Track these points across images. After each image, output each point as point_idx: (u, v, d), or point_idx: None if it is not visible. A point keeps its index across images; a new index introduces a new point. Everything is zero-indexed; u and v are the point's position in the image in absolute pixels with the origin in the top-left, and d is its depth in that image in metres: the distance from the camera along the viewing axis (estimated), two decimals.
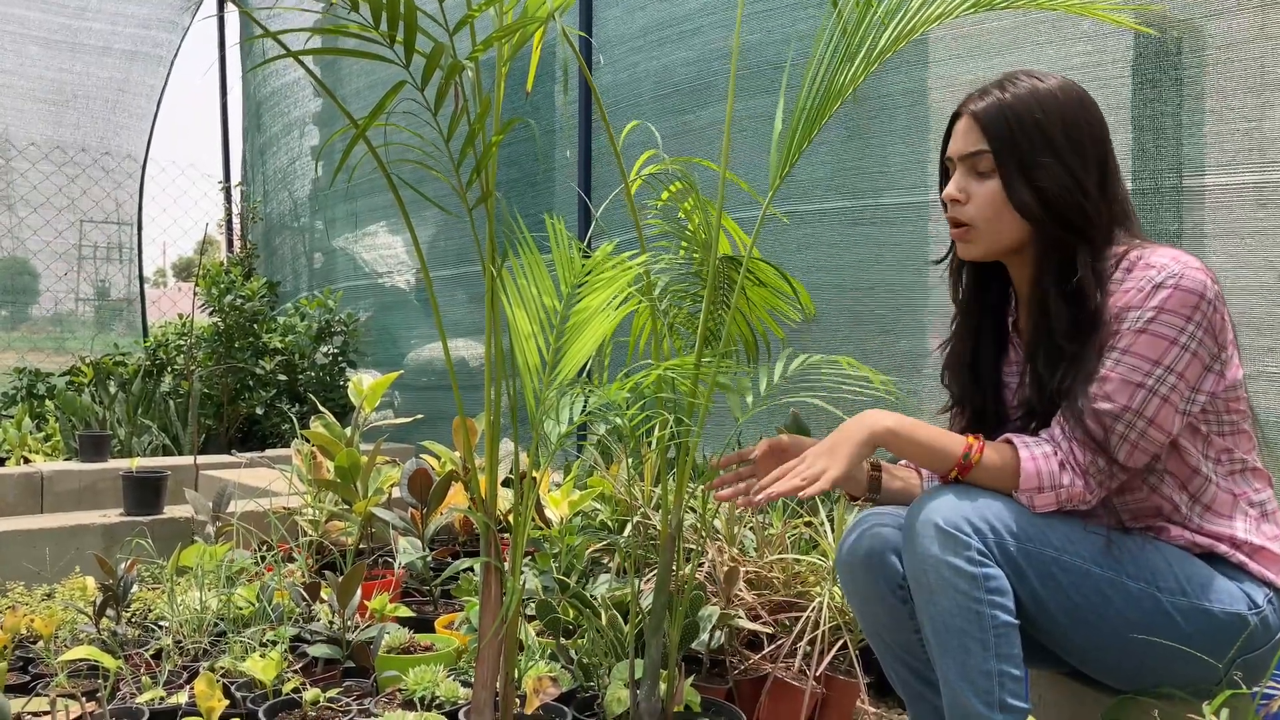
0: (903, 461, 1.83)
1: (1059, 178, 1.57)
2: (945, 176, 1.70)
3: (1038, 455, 1.53)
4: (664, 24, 4.20)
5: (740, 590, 2.40)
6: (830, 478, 1.53)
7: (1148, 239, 1.62)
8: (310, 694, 2.06)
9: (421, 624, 2.63)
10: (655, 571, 2.28)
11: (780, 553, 2.49)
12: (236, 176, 8.40)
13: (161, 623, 2.53)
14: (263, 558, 2.88)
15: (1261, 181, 2.42)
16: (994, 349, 1.74)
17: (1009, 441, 1.57)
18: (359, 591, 2.37)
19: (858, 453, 1.56)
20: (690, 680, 2.13)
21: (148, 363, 6.31)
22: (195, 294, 5.91)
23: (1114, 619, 1.50)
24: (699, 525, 2.39)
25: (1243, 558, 1.55)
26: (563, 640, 2.35)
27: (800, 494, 1.55)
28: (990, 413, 1.73)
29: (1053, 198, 1.57)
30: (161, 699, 2.10)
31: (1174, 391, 1.49)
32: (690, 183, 1.86)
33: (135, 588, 2.57)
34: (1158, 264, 1.51)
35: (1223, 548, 1.55)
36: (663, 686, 1.89)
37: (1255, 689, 1.52)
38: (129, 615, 2.55)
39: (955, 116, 1.67)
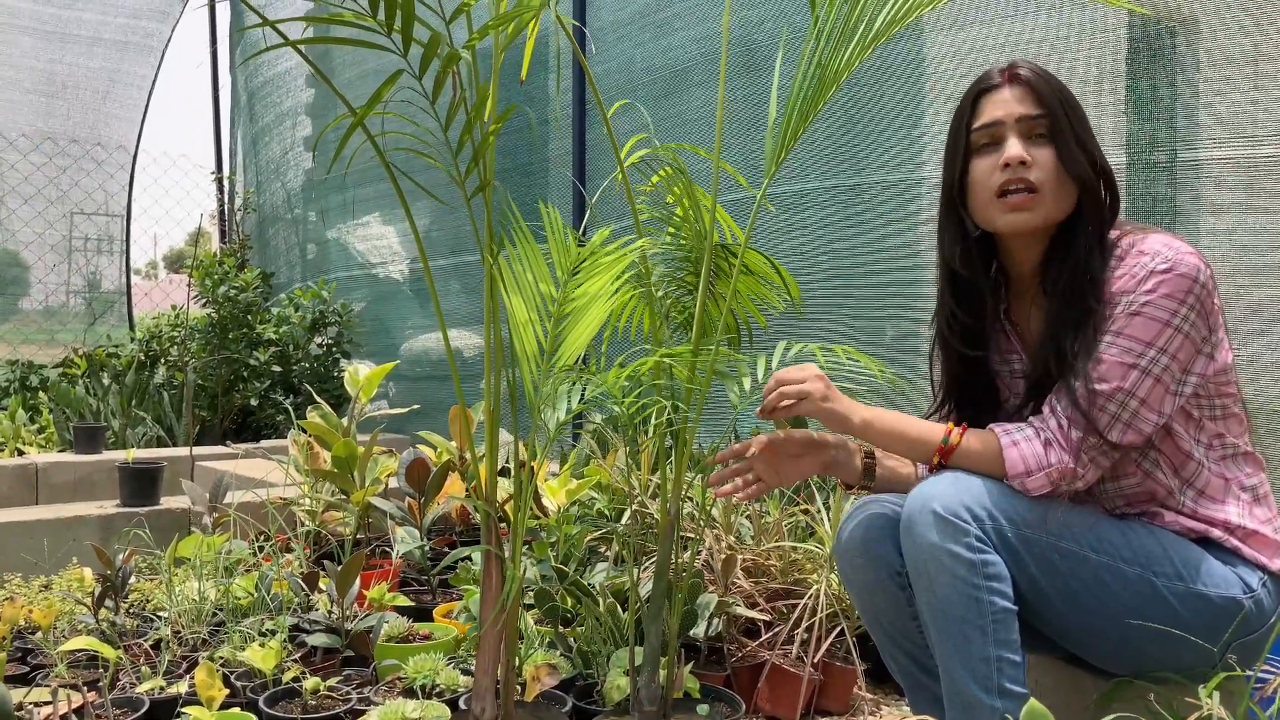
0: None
1: (1098, 152, 1.60)
2: (967, 152, 1.64)
3: (1019, 440, 1.55)
4: (656, 9, 4.19)
5: (738, 578, 2.41)
6: (808, 407, 1.63)
7: (1137, 224, 1.63)
8: (310, 683, 2.07)
9: (420, 613, 2.63)
10: (653, 559, 2.28)
11: (777, 540, 2.50)
12: (229, 167, 8.38)
13: (160, 613, 2.53)
14: (260, 548, 2.88)
15: (1254, 157, 2.41)
16: (988, 330, 1.74)
17: (991, 430, 1.58)
18: (357, 581, 2.38)
19: (833, 413, 1.63)
20: (689, 667, 2.14)
21: (141, 354, 6.29)
22: (189, 285, 5.90)
23: (1111, 604, 1.51)
24: (696, 513, 2.40)
25: (1236, 542, 1.56)
26: (561, 628, 2.36)
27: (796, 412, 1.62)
28: (983, 400, 1.73)
29: (1100, 169, 1.59)
30: (162, 688, 2.10)
31: (1166, 372, 1.50)
32: (681, 169, 1.85)
33: (133, 578, 2.57)
34: (1150, 250, 1.52)
35: (1216, 532, 1.56)
36: (662, 673, 1.90)
37: (1250, 672, 1.53)
38: (127, 606, 2.55)
39: (989, 88, 1.63)
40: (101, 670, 2.19)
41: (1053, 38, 2.80)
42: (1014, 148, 1.58)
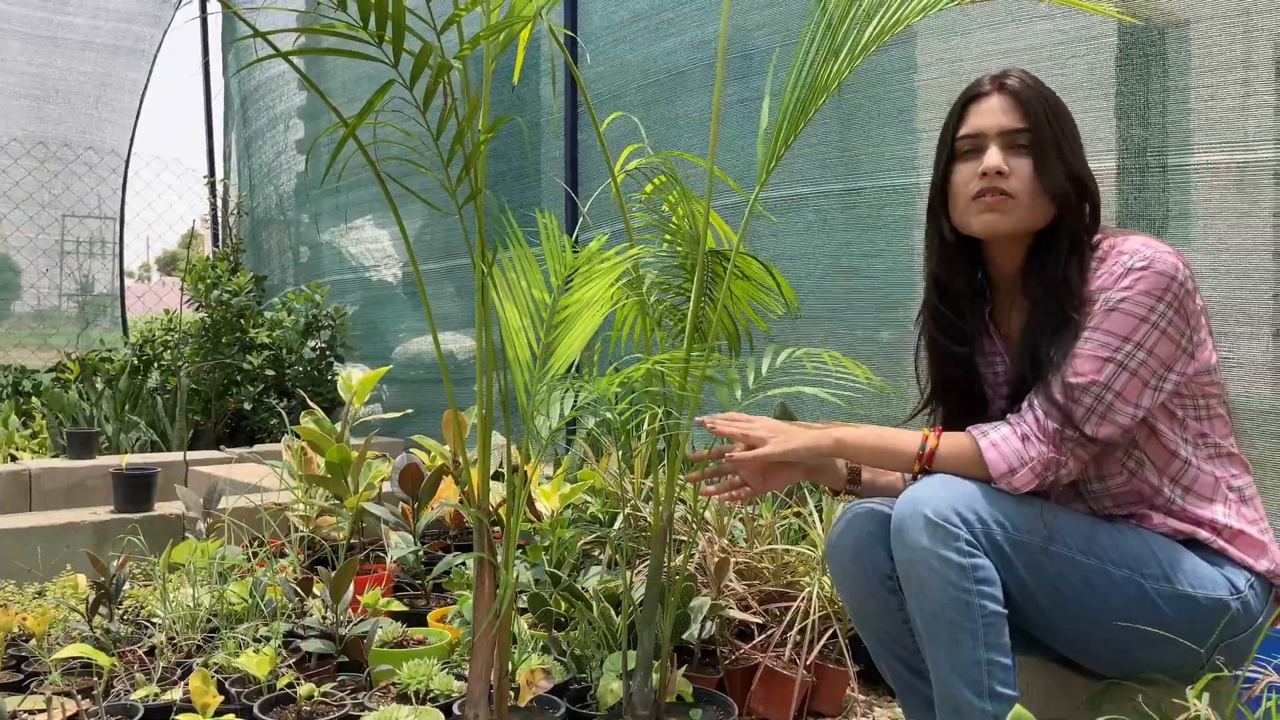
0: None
1: (1082, 167, 1.61)
2: (950, 158, 1.67)
3: (996, 440, 1.56)
4: (649, 13, 4.20)
5: (730, 581, 2.42)
6: (765, 452, 1.66)
7: (1120, 229, 1.65)
8: (304, 689, 2.07)
9: (414, 618, 2.64)
10: (646, 563, 2.29)
11: (770, 543, 2.51)
12: (222, 171, 8.37)
13: (154, 619, 2.53)
14: (254, 554, 2.88)
15: (1244, 161, 2.42)
16: (974, 329, 1.75)
17: (968, 433, 1.60)
18: (351, 586, 2.38)
19: (800, 450, 1.66)
20: (682, 670, 2.15)
21: (134, 359, 6.28)
22: (182, 289, 5.90)
23: (1099, 606, 1.53)
24: (689, 517, 2.41)
25: (1223, 543, 1.57)
26: (555, 632, 2.37)
27: (736, 460, 1.70)
28: (971, 401, 1.74)
29: (1080, 186, 1.60)
30: (156, 695, 2.10)
31: (1142, 367, 1.51)
32: (674, 176, 1.86)
33: (127, 585, 2.57)
34: (1130, 249, 1.54)
35: (1204, 533, 1.58)
36: (655, 677, 1.91)
37: (1238, 672, 1.54)
38: (122, 612, 2.55)
39: (977, 96, 1.64)
40: (96, 677, 2.19)
41: (1044, 43, 2.82)
42: (993, 157, 1.60)
